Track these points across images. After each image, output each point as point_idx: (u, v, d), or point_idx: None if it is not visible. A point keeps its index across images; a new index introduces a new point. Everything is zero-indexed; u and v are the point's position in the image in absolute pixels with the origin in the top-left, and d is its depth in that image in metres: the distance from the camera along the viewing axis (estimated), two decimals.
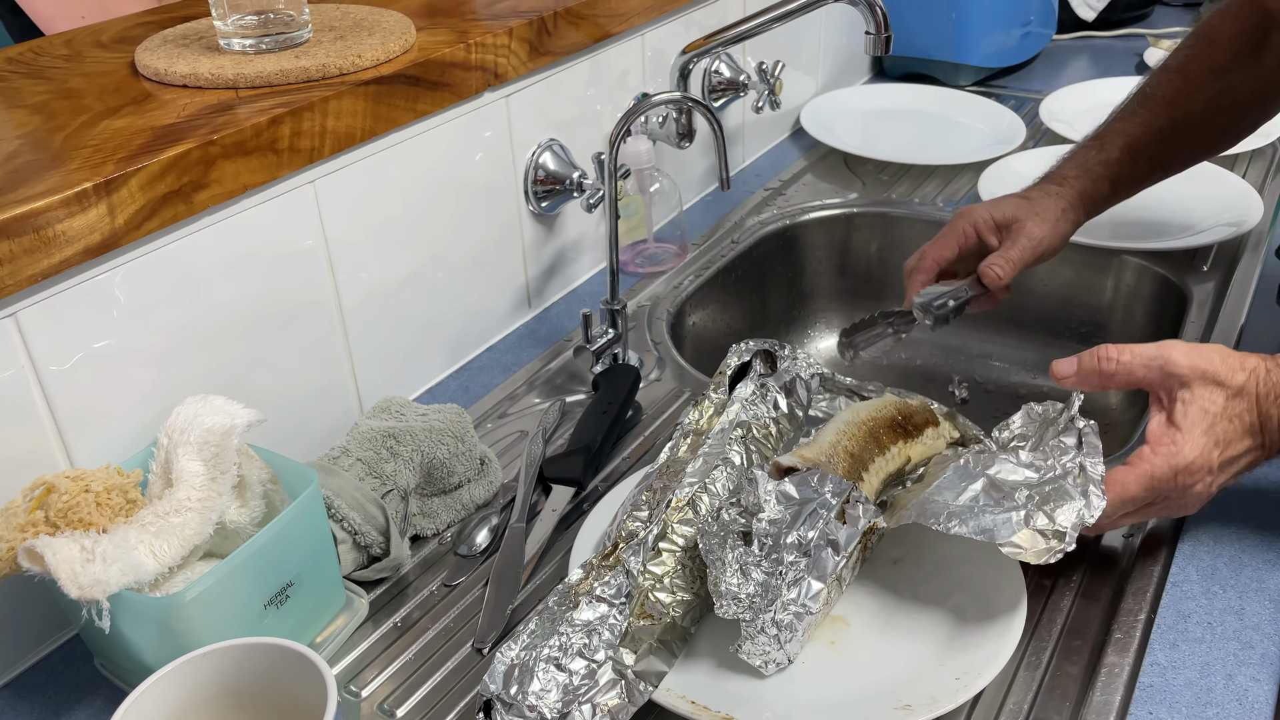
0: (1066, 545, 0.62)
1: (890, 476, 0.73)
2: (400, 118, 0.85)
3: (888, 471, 0.73)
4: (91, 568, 0.58)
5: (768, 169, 1.39)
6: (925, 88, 1.57)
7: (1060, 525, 0.62)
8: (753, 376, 0.80)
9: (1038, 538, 0.62)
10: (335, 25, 0.89)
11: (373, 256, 0.87)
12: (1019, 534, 0.62)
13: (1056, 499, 0.64)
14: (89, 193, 0.64)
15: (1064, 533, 0.62)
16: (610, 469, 0.86)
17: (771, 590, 0.61)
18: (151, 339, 0.71)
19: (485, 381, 0.98)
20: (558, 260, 1.10)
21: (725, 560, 0.62)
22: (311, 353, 0.84)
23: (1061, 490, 0.64)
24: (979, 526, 0.63)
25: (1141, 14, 1.88)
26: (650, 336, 1.04)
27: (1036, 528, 0.63)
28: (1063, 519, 0.63)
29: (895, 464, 0.74)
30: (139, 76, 0.82)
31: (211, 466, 0.66)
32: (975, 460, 0.67)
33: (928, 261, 0.94)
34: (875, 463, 0.72)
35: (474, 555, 0.77)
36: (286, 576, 0.65)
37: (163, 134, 0.71)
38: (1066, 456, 0.67)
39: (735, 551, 0.63)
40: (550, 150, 1.02)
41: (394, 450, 0.76)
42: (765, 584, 0.62)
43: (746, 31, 1.05)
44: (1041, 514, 0.63)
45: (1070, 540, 0.62)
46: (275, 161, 0.75)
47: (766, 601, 0.61)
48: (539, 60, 0.98)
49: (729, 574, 0.62)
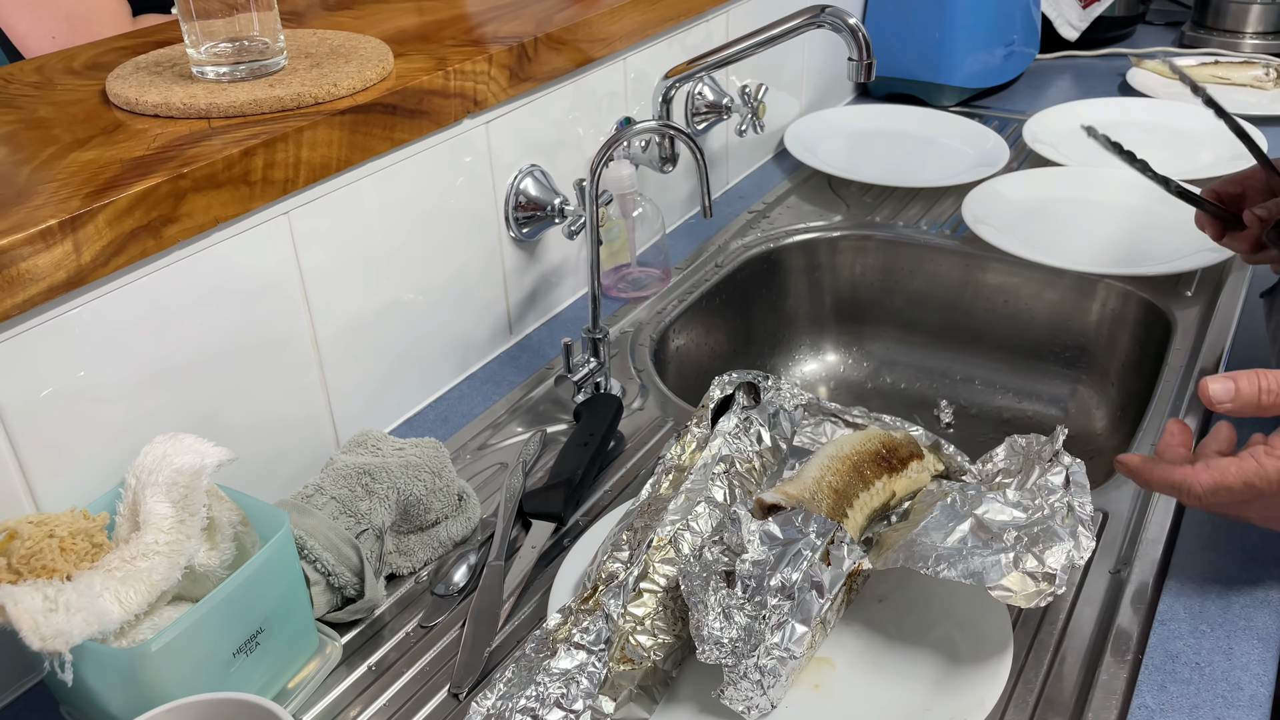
0: (1056, 588, 0.61)
1: (875, 512, 0.72)
2: (377, 146, 0.84)
3: (872, 507, 0.72)
4: (54, 618, 0.57)
5: (751, 191, 1.38)
6: (909, 109, 1.57)
7: (1050, 567, 0.61)
8: (736, 409, 0.79)
9: (1028, 580, 0.61)
10: (311, 52, 0.88)
11: (349, 287, 0.86)
12: (1008, 577, 0.61)
13: (1045, 540, 0.63)
14: (54, 230, 0.62)
15: (1054, 575, 0.61)
16: (592, 502, 0.84)
17: (755, 634, 0.60)
18: (120, 376, 0.70)
19: (465, 411, 0.96)
20: (539, 286, 1.08)
21: (708, 603, 0.61)
22: (286, 386, 0.82)
23: (1050, 531, 0.63)
24: (968, 570, 0.62)
25: (1124, 34, 1.88)
26: (633, 363, 1.03)
27: (1026, 570, 0.62)
28: (1052, 561, 0.62)
29: (880, 499, 0.73)
30: (110, 105, 0.81)
31: (180, 508, 0.64)
32: (962, 499, 0.66)
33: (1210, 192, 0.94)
34: (860, 498, 0.71)
35: (451, 594, 0.75)
36: (256, 623, 0.63)
37: (132, 167, 0.69)
38: (1054, 496, 0.66)
39: (718, 594, 0.61)
40: (531, 176, 1.01)
41: (369, 487, 0.74)
42: (749, 628, 0.60)
43: (729, 56, 1.04)
44: (1030, 556, 0.62)
45: (1060, 583, 0.61)
46: (248, 194, 0.74)
47: (750, 646, 0.60)
48: (520, 86, 0.97)
49: (711, 617, 0.61)
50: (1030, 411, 1.21)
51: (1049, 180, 1.33)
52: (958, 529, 0.64)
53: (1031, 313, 1.21)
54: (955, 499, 0.66)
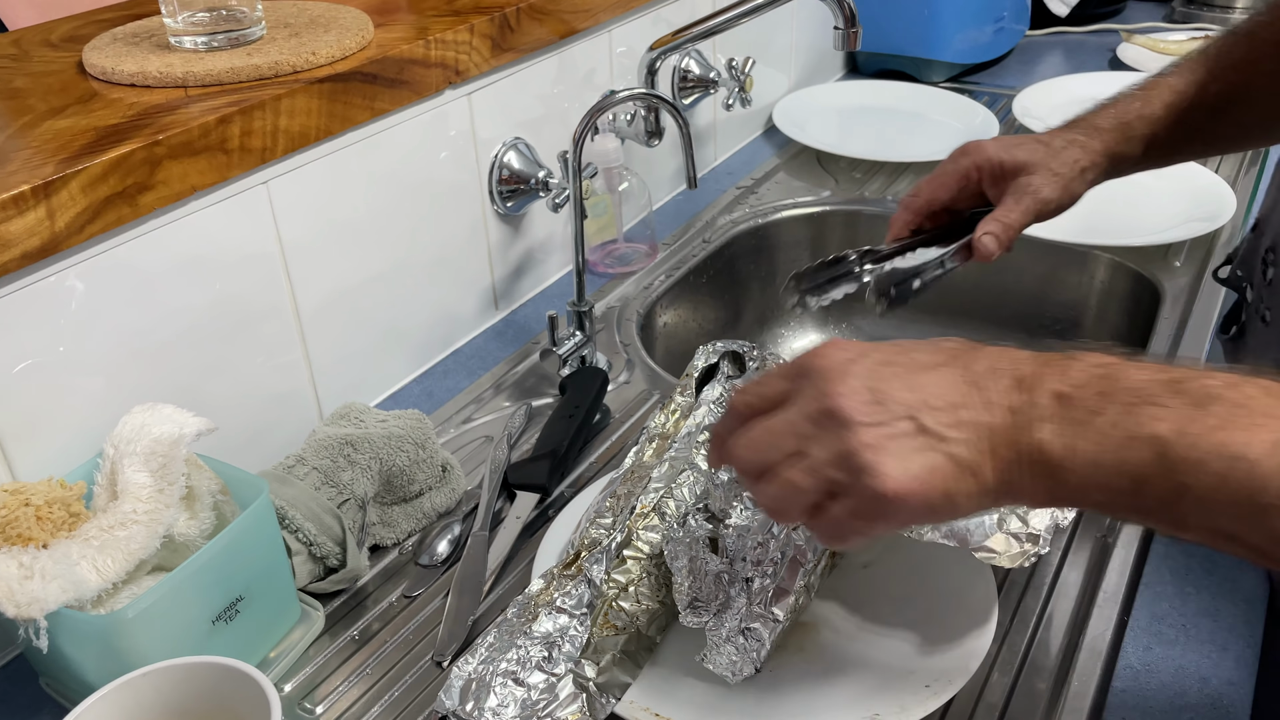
0: (1040, 549, 0.60)
1: None
2: (357, 116, 0.83)
3: None
4: (30, 585, 0.56)
5: (740, 167, 1.37)
6: (898, 84, 1.56)
7: (1034, 528, 0.61)
8: (720, 378, 0.78)
9: (1011, 541, 0.61)
10: (291, 22, 0.87)
11: (332, 259, 0.85)
12: (992, 538, 0.61)
13: None
14: (26, 195, 0.61)
15: (1038, 535, 0.61)
16: (577, 474, 0.84)
17: (737, 599, 0.60)
18: (99, 346, 0.69)
19: (450, 386, 0.96)
20: (525, 261, 1.08)
21: (691, 568, 0.61)
22: (268, 359, 0.81)
23: None
24: (951, 531, 0.61)
25: (1115, 9, 1.87)
26: (620, 338, 1.02)
27: (1009, 531, 0.61)
28: (1036, 521, 0.61)
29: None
30: (86, 76, 0.80)
31: (159, 477, 0.64)
32: None
33: (919, 202, 0.81)
34: None
35: (435, 565, 0.75)
36: (236, 591, 0.62)
37: (106, 134, 0.68)
38: None
39: (701, 559, 0.61)
40: (515, 149, 1.01)
41: (351, 458, 0.73)
42: (731, 593, 0.60)
43: (715, 27, 1.03)
44: (1014, 517, 0.62)
45: (1044, 543, 0.61)
46: (225, 162, 0.73)
47: (733, 611, 0.59)
48: (502, 57, 0.96)
49: (694, 582, 0.60)
50: None
51: None
52: None
53: (1021, 285, 1.20)
54: None
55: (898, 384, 0.47)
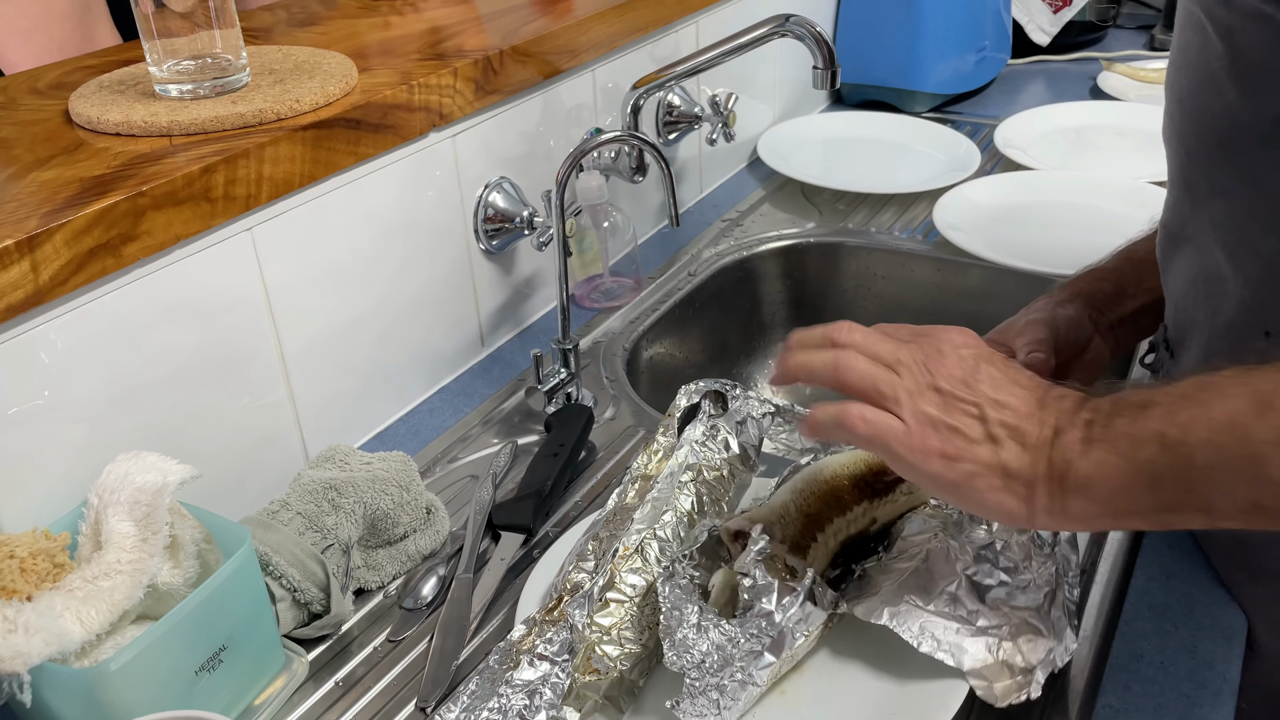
0: (1032, 691, 0.60)
1: (851, 538, 0.70)
2: (341, 161, 0.84)
3: (848, 534, 0.70)
4: (13, 639, 0.56)
5: (725, 200, 1.38)
6: (881, 115, 1.58)
7: (1028, 661, 0.61)
8: (702, 418, 0.79)
9: (1004, 671, 0.61)
10: (275, 68, 0.88)
11: (316, 301, 0.86)
12: (987, 665, 0.61)
13: (1029, 632, 0.62)
14: (10, 250, 0.62)
15: (1031, 669, 0.61)
16: (562, 513, 0.84)
17: (725, 655, 0.60)
18: (82, 394, 0.70)
19: (436, 424, 0.96)
20: (511, 298, 1.08)
21: (684, 612, 0.61)
22: (252, 402, 0.82)
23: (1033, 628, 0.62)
24: (950, 643, 0.61)
25: (1095, 38, 1.90)
26: (605, 373, 1.03)
27: (1003, 659, 0.61)
28: (1033, 656, 0.61)
29: (858, 525, 0.70)
30: (72, 125, 0.81)
31: (143, 526, 0.64)
32: (958, 548, 0.65)
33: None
34: (833, 523, 0.69)
35: (420, 608, 0.75)
36: (219, 640, 0.63)
37: (91, 185, 0.69)
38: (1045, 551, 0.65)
39: (697, 606, 0.61)
40: (500, 189, 1.02)
41: (335, 502, 0.74)
42: (721, 646, 0.60)
43: (697, 65, 1.04)
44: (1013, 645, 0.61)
45: (1037, 686, 0.60)
46: (209, 210, 0.74)
47: (718, 663, 0.59)
48: (486, 99, 0.97)
49: (684, 628, 0.60)
50: None
51: (1020, 184, 1.33)
52: (945, 590, 0.63)
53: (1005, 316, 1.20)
54: (949, 549, 0.65)
55: (987, 382, 0.57)
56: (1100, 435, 0.53)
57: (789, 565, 0.63)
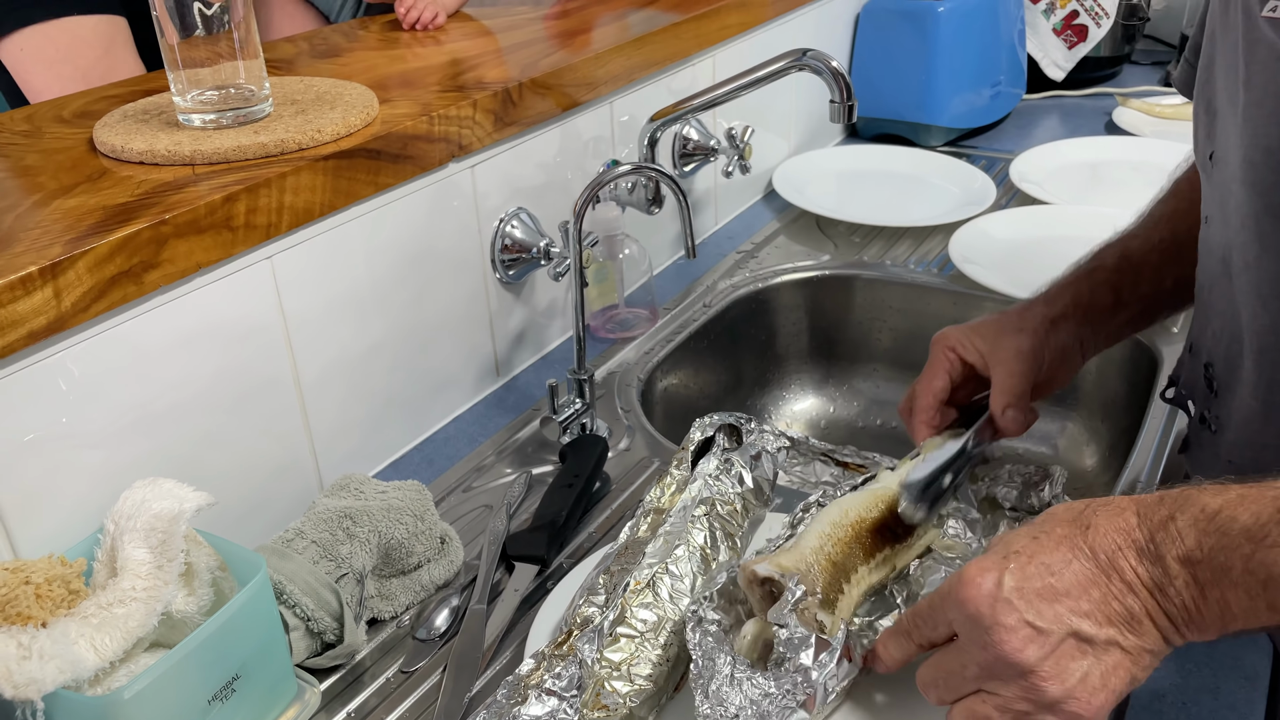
0: None
1: (873, 588, 0.70)
2: (361, 191, 0.84)
3: (870, 583, 0.69)
4: (27, 665, 0.56)
5: (740, 231, 1.39)
6: (896, 149, 1.58)
7: None
8: (716, 451, 0.79)
9: None
10: (298, 99, 0.89)
11: (333, 330, 0.86)
12: None
13: None
14: (34, 276, 0.63)
15: None
16: (576, 544, 0.84)
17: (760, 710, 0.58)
18: (101, 421, 0.70)
19: (450, 453, 0.96)
20: (527, 327, 1.09)
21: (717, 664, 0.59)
22: (268, 430, 0.82)
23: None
24: None
25: (1110, 73, 1.90)
26: (620, 404, 1.03)
27: None
28: None
29: (880, 574, 0.70)
30: (96, 153, 0.82)
31: (158, 554, 0.64)
32: None
33: (925, 400, 0.82)
34: (859, 571, 0.68)
35: (433, 639, 0.75)
36: (232, 669, 0.62)
37: (114, 213, 0.70)
38: None
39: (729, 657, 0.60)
40: (517, 219, 1.02)
41: (350, 531, 0.74)
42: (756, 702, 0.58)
43: (713, 99, 1.05)
44: None
45: None
46: (230, 239, 0.74)
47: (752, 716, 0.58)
48: (505, 130, 0.98)
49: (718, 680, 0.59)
50: (1020, 449, 1.21)
51: (1036, 218, 1.33)
52: None
53: None
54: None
55: (1044, 604, 0.53)
56: (1213, 579, 0.51)
57: (819, 619, 0.62)
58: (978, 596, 0.54)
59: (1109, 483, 1.11)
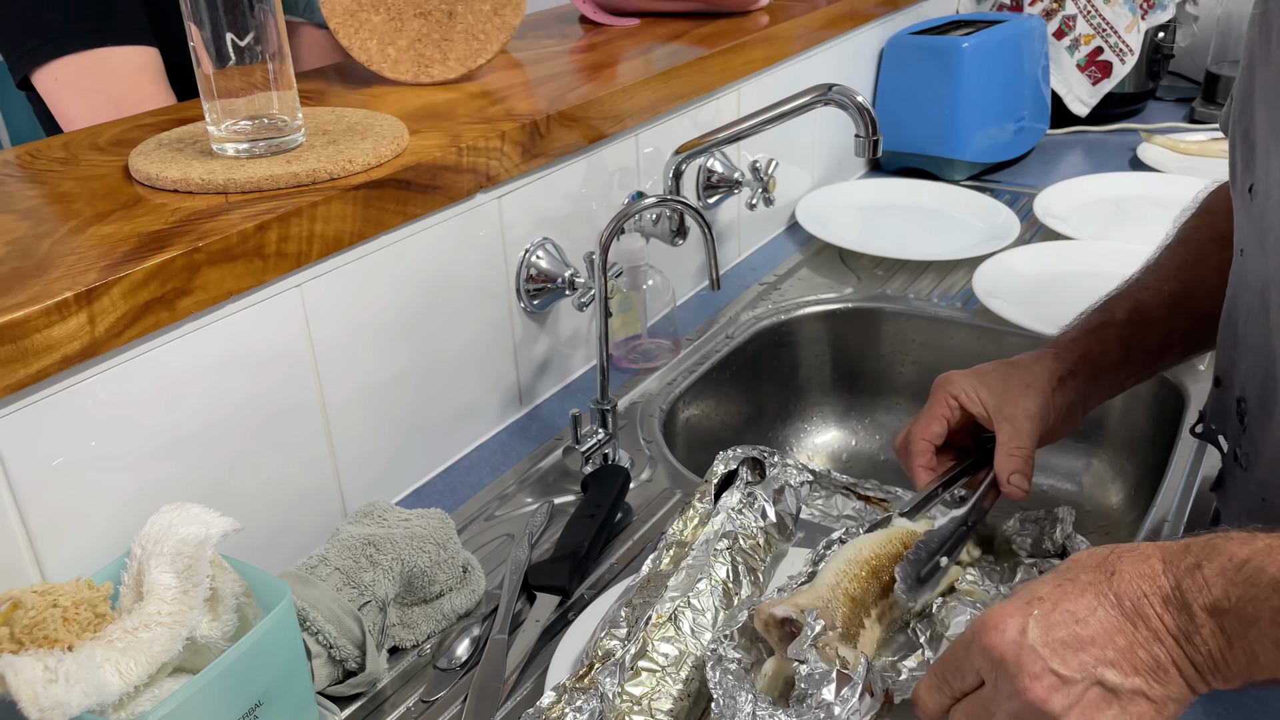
0: None
1: (894, 621, 0.70)
2: (390, 220, 0.85)
3: (891, 617, 0.69)
4: (54, 689, 0.57)
5: (763, 263, 1.39)
6: (920, 183, 1.58)
7: None
8: (739, 484, 0.78)
9: None
10: (329, 129, 0.90)
11: (360, 357, 0.87)
12: None
13: None
14: (69, 302, 0.64)
15: None
16: (597, 575, 0.84)
17: None
18: (129, 445, 0.71)
19: (473, 482, 0.97)
20: (550, 357, 1.09)
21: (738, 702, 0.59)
22: (294, 456, 0.83)
23: None
24: None
25: (1135, 109, 1.90)
26: (642, 434, 1.03)
27: None
28: None
29: (900, 609, 0.69)
30: (131, 181, 0.83)
31: (184, 579, 0.64)
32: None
33: (920, 445, 0.81)
34: (878, 606, 0.68)
35: (454, 668, 0.75)
36: (255, 696, 0.63)
37: (149, 240, 0.71)
38: None
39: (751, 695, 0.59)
40: (543, 249, 1.03)
41: (373, 559, 0.74)
42: None
43: (739, 132, 1.06)
44: None
45: None
46: (261, 267, 0.75)
47: None
48: (532, 161, 0.99)
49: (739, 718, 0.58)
50: (1044, 485, 1.20)
51: (1060, 254, 1.33)
52: None
53: None
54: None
55: (1069, 652, 0.52)
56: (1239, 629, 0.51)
57: (840, 654, 0.62)
58: (1002, 644, 0.53)
59: (1135, 520, 1.10)
